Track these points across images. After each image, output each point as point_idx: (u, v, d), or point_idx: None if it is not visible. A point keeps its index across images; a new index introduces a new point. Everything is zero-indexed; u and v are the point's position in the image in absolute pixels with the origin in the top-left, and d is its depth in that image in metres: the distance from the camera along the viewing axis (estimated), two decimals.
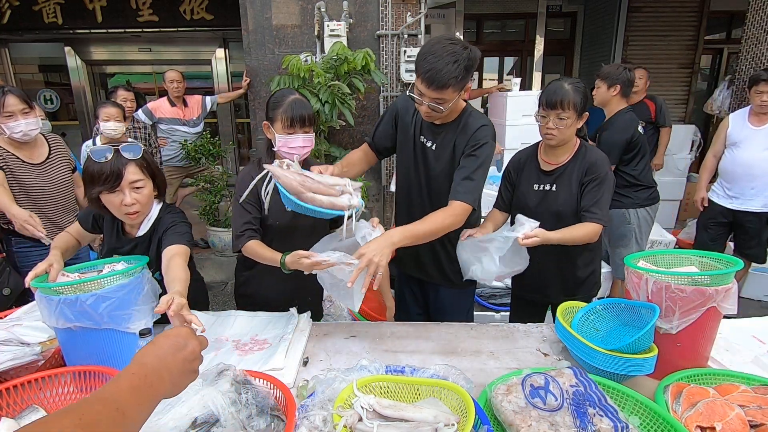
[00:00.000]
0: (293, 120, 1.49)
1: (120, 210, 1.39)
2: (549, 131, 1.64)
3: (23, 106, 2.05)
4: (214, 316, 1.62)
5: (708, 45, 6.67)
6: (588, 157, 1.70)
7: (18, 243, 2.27)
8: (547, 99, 1.61)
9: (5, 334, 1.21)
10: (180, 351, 0.65)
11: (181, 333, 0.68)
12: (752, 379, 1.13)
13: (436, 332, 1.52)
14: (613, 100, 2.73)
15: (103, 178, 1.33)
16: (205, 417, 0.90)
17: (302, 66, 3.16)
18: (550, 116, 1.62)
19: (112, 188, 1.35)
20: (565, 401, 0.99)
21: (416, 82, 1.45)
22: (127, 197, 1.37)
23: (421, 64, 1.40)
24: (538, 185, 1.76)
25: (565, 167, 1.71)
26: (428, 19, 5.72)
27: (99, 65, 7.45)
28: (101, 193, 1.36)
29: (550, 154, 1.75)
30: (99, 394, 0.56)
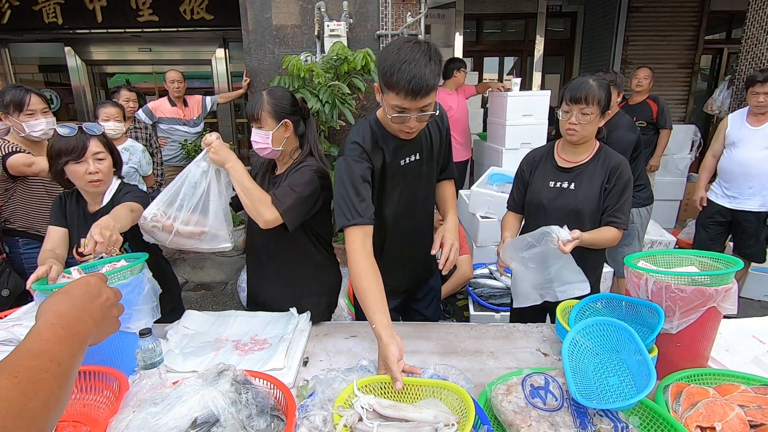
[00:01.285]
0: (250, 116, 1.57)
1: (84, 179, 1.56)
2: (571, 126, 1.61)
3: (44, 106, 2.13)
4: (214, 316, 1.62)
5: (708, 45, 6.68)
6: (611, 159, 1.67)
7: (25, 244, 2.29)
8: (572, 94, 1.59)
9: (5, 334, 1.21)
10: (95, 299, 0.63)
11: (91, 281, 0.65)
12: (752, 379, 1.13)
13: (436, 332, 1.52)
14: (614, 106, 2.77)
15: (69, 149, 1.52)
16: (205, 417, 0.90)
17: (302, 66, 3.16)
18: (573, 111, 1.59)
19: (77, 159, 1.53)
20: (565, 401, 0.99)
21: (394, 99, 1.23)
22: (90, 166, 1.55)
23: (397, 76, 1.18)
24: (554, 182, 1.73)
25: (585, 166, 1.69)
26: (428, 19, 5.73)
27: (99, 65, 7.45)
28: (67, 164, 1.53)
29: (569, 151, 1.72)
30: (24, 350, 0.54)
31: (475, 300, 2.73)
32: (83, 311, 0.59)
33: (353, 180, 1.32)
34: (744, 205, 2.92)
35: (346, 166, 1.35)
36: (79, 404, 1.10)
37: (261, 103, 1.52)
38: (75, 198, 1.69)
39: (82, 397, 1.10)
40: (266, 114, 1.52)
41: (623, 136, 2.68)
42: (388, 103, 1.26)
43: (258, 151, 1.58)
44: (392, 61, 1.19)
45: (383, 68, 1.22)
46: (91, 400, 1.10)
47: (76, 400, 1.10)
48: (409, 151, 1.48)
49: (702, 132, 5.42)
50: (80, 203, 1.68)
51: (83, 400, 1.10)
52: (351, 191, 1.32)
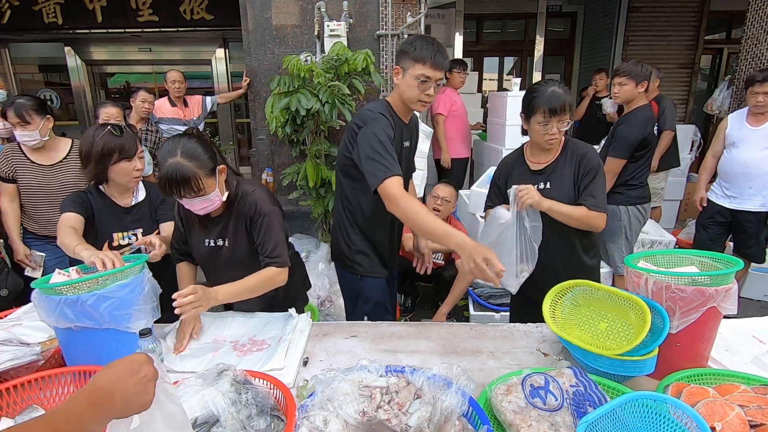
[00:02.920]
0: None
1: (131, 175, 1.67)
2: (552, 137, 1.65)
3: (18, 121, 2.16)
4: (212, 317, 1.62)
5: (708, 45, 6.68)
6: (577, 150, 1.72)
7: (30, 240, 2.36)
8: (550, 107, 1.60)
9: (5, 334, 1.21)
10: (133, 375, 0.71)
11: (138, 359, 0.74)
12: (752, 379, 1.13)
13: (436, 332, 1.52)
14: (638, 97, 2.71)
15: (126, 148, 1.62)
16: (205, 417, 0.90)
17: (302, 66, 3.16)
18: (552, 122, 1.62)
19: (131, 157, 1.64)
20: (565, 401, 0.99)
21: (420, 69, 1.56)
22: (138, 164, 1.67)
23: (425, 51, 1.55)
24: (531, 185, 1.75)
25: (555, 163, 1.73)
26: (428, 19, 5.73)
27: (99, 65, 7.45)
28: (117, 162, 1.61)
29: (538, 154, 1.77)
30: (63, 410, 0.65)
31: (475, 300, 2.74)
32: (116, 387, 0.69)
33: (383, 141, 1.54)
34: (744, 205, 2.92)
35: (374, 130, 1.57)
36: None
37: (191, 172, 1.31)
38: (97, 194, 1.72)
39: None
40: (205, 178, 1.35)
41: (627, 131, 2.64)
42: (414, 75, 1.57)
43: (204, 210, 1.43)
44: (419, 42, 1.57)
45: (412, 48, 1.57)
46: None
47: None
48: (407, 136, 1.77)
49: (702, 132, 5.42)
50: (105, 199, 1.72)
51: None
52: (382, 150, 1.53)
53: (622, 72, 2.72)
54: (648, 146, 2.68)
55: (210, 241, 1.56)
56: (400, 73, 1.63)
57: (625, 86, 2.70)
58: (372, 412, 0.99)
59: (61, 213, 1.62)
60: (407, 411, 1.00)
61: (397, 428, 0.96)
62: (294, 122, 3.29)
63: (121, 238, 1.73)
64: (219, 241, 1.56)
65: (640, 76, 2.66)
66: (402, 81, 1.63)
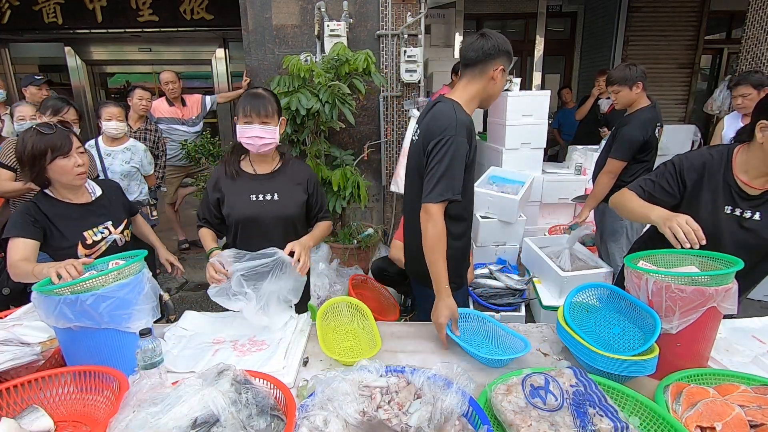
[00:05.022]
0: (249, 110, 1.60)
1: (72, 173, 1.58)
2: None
3: (75, 118, 2.40)
4: (212, 317, 1.62)
5: (708, 45, 6.68)
6: None
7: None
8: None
9: (5, 334, 1.21)
10: None
11: None
12: (752, 379, 1.13)
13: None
14: (638, 98, 2.72)
15: (58, 145, 1.54)
16: (205, 417, 0.90)
17: (302, 66, 3.16)
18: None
19: (66, 153, 1.56)
20: (565, 401, 0.99)
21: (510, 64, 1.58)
22: (78, 159, 1.59)
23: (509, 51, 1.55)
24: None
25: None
26: (428, 19, 5.73)
27: (99, 65, 7.46)
28: (53, 161, 1.54)
29: (761, 176, 1.35)
30: None
31: (475, 300, 2.73)
32: None
33: (461, 159, 1.49)
34: None
35: (460, 146, 1.49)
36: (79, 404, 1.10)
37: (270, 101, 1.63)
38: (47, 201, 1.62)
39: (82, 397, 1.10)
40: (274, 111, 1.63)
41: (629, 132, 2.63)
42: (504, 72, 1.55)
43: (258, 147, 1.63)
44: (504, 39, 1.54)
45: (510, 47, 1.54)
46: (91, 400, 1.10)
47: (76, 400, 1.11)
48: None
49: (702, 132, 5.42)
50: (54, 202, 1.63)
51: (83, 400, 1.10)
52: (458, 169, 1.49)
53: (613, 80, 2.74)
54: (650, 148, 2.68)
55: (259, 195, 1.69)
56: (501, 73, 1.55)
57: (619, 93, 2.73)
58: (372, 412, 0.99)
59: (7, 236, 1.53)
60: (407, 411, 1.00)
61: (397, 428, 0.95)
62: (294, 122, 3.29)
63: (93, 235, 1.67)
64: (268, 196, 1.70)
65: (631, 78, 2.66)
66: (500, 81, 1.57)
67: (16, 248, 1.51)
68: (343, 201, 3.53)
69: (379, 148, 4.21)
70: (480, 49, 1.51)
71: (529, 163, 3.68)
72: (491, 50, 1.51)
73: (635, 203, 1.48)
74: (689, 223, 1.24)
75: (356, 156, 3.92)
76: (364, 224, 4.07)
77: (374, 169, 4.27)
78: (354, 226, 3.94)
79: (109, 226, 1.74)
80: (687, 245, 1.21)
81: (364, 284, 3.09)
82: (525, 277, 2.93)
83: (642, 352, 1.14)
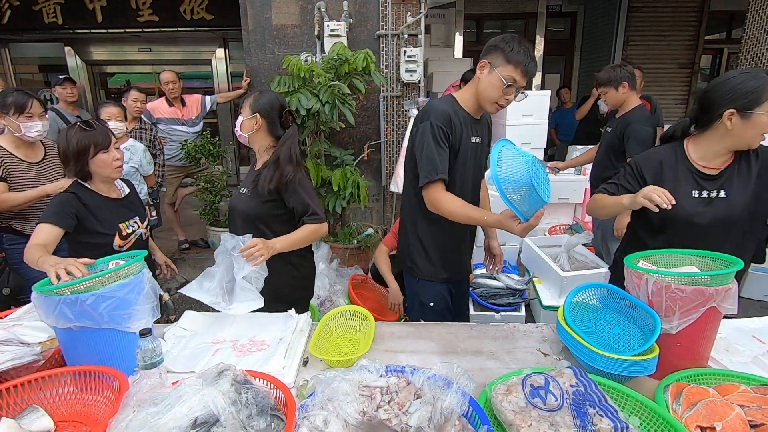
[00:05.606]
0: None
1: (111, 166, 1.72)
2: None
3: (42, 110, 2.31)
4: (212, 317, 1.62)
5: (708, 45, 6.68)
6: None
7: (11, 240, 2.31)
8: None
9: (5, 334, 1.20)
10: None
11: None
12: (752, 379, 1.13)
13: (436, 332, 1.52)
14: (627, 98, 2.74)
15: (99, 141, 1.68)
16: (205, 417, 0.90)
17: (302, 66, 3.16)
18: None
19: (106, 148, 1.69)
20: (565, 401, 0.99)
21: (511, 72, 1.50)
22: (116, 154, 1.73)
23: (522, 55, 1.49)
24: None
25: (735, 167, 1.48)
26: (428, 19, 5.73)
27: (99, 65, 7.45)
28: (95, 156, 1.67)
29: (716, 156, 1.48)
30: None
31: (475, 300, 2.73)
32: None
33: (437, 140, 1.54)
34: None
35: (431, 128, 1.56)
36: (79, 404, 1.10)
37: (250, 95, 1.77)
38: (84, 191, 1.73)
39: (82, 397, 1.10)
40: (247, 103, 1.75)
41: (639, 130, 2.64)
42: (502, 75, 1.50)
43: (237, 131, 1.80)
44: (517, 45, 1.50)
45: (509, 47, 1.49)
46: (91, 400, 1.10)
47: (76, 400, 1.10)
48: (476, 132, 1.69)
49: None
50: (93, 194, 1.75)
51: (83, 400, 1.10)
52: (439, 150, 1.55)
53: (599, 82, 2.78)
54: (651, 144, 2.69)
55: (242, 189, 1.82)
56: (486, 68, 1.54)
57: (607, 93, 2.77)
58: (372, 412, 0.99)
59: (40, 221, 1.57)
60: (407, 411, 1.00)
61: (397, 428, 0.95)
62: None
63: (126, 228, 1.80)
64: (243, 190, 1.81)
65: (616, 79, 2.69)
66: (486, 77, 1.55)
67: (41, 233, 1.56)
68: (343, 201, 3.53)
69: (379, 148, 4.21)
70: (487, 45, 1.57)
71: None
72: (488, 46, 1.55)
73: (607, 200, 1.59)
74: (655, 189, 1.37)
75: (356, 156, 3.92)
76: (364, 224, 4.07)
77: (374, 169, 4.28)
78: (354, 226, 3.94)
79: (137, 220, 1.86)
80: (664, 205, 1.34)
81: (364, 284, 3.09)
82: (525, 277, 2.93)
83: (642, 352, 1.14)
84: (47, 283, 1.20)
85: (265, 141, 1.78)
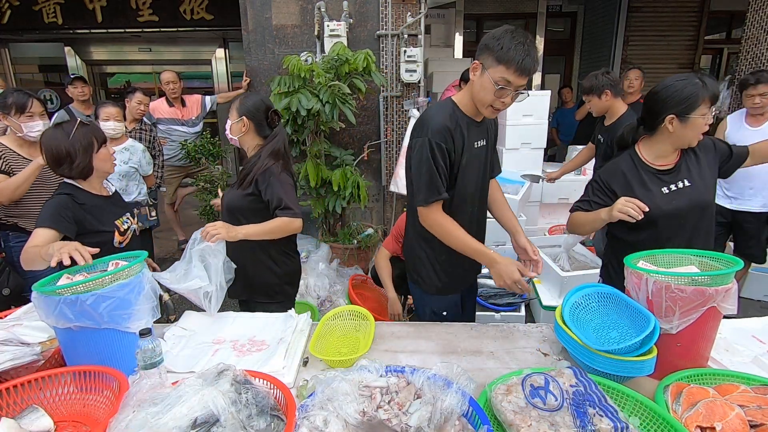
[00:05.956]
0: None
1: (110, 160, 1.76)
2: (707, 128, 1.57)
3: (42, 110, 2.33)
4: (212, 317, 1.62)
5: (708, 45, 6.68)
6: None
7: (15, 238, 2.32)
8: (712, 95, 1.51)
9: (5, 334, 1.20)
10: None
11: None
12: (752, 379, 1.13)
13: (436, 332, 1.52)
14: (610, 105, 2.76)
15: (99, 134, 1.71)
16: (205, 417, 0.90)
17: (302, 66, 3.16)
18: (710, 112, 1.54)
19: (104, 143, 1.73)
20: (565, 401, 0.99)
21: (503, 73, 1.36)
22: (111, 147, 1.77)
23: (514, 52, 1.32)
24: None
25: (685, 158, 1.63)
26: (428, 19, 5.73)
27: (99, 65, 7.46)
28: (98, 151, 1.69)
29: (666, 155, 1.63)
30: None
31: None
32: None
33: (438, 162, 1.47)
34: (745, 205, 2.91)
35: (436, 147, 1.47)
36: (79, 404, 1.10)
37: (236, 100, 1.83)
38: (79, 192, 1.70)
39: (82, 397, 1.10)
40: (234, 108, 1.81)
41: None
42: (493, 78, 1.37)
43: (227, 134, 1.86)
44: (508, 41, 1.33)
45: (498, 45, 1.34)
46: (91, 400, 1.10)
47: (76, 400, 1.11)
48: (479, 136, 1.60)
49: None
50: (87, 194, 1.73)
51: (83, 400, 1.10)
52: (437, 170, 1.48)
53: (583, 90, 2.82)
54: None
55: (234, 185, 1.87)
56: (478, 70, 1.42)
57: (591, 102, 2.80)
58: (372, 412, 0.99)
59: (37, 226, 1.53)
60: (407, 411, 1.00)
61: (397, 428, 0.96)
62: (294, 122, 3.29)
63: (122, 224, 1.81)
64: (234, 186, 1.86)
65: (598, 87, 2.71)
66: (478, 79, 1.42)
67: (37, 237, 1.52)
68: (343, 201, 3.53)
69: (379, 148, 4.21)
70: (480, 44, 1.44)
71: (529, 163, 3.68)
72: (480, 46, 1.42)
73: (585, 217, 1.69)
74: (627, 202, 1.48)
75: (356, 156, 3.92)
76: (364, 224, 4.07)
77: (374, 169, 4.28)
78: (354, 226, 3.94)
79: (129, 216, 1.87)
80: (639, 217, 1.45)
81: (364, 284, 3.09)
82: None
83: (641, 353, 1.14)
84: (47, 282, 1.20)
85: (254, 141, 1.84)
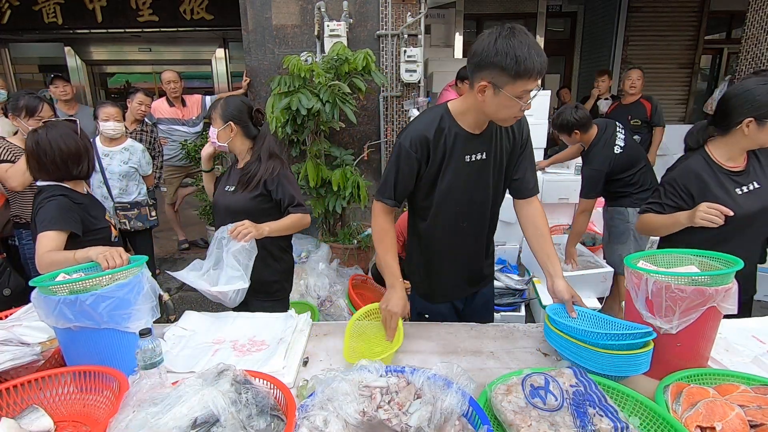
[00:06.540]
0: None
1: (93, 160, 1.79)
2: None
3: (51, 114, 2.42)
4: (212, 317, 1.62)
5: (708, 45, 6.68)
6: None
7: (29, 235, 2.35)
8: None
9: (5, 334, 1.20)
10: None
11: None
12: (752, 379, 1.13)
13: (436, 332, 1.52)
14: (582, 139, 2.81)
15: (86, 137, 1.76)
16: (205, 417, 0.90)
17: (302, 66, 3.16)
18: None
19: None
20: (565, 401, 0.99)
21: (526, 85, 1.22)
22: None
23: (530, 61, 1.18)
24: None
25: (753, 160, 1.68)
26: (428, 19, 5.73)
27: (99, 65, 7.46)
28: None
29: (736, 157, 1.66)
30: None
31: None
32: None
33: (401, 168, 1.45)
34: None
35: (404, 153, 1.43)
36: (79, 404, 1.10)
37: (215, 106, 1.85)
38: (72, 192, 1.72)
39: (82, 397, 1.10)
40: (216, 115, 1.84)
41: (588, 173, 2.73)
42: (514, 94, 1.22)
43: (211, 138, 1.88)
44: (521, 50, 1.17)
45: (510, 61, 1.17)
46: (91, 400, 1.10)
47: (76, 400, 1.11)
48: (477, 149, 1.44)
49: None
50: (77, 194, 1.74)
51: (83, 400, 1.10)
52: (396, 176, 1.47)
53: (552, 125, 2.93)
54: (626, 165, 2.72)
55: (228, 187, 1.90)
56: (489, 90, 1.24)
57: (561, 137, 2.89)
58: (372, 412, 0.99)
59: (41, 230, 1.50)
60: (407, 411, 1.00)
61: (397, 428, 0.95)
62: (294, 122, 3.29)
63: (110, 219, 1.85)
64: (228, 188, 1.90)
65: (567, 127, 2.76)
66: (493, 99, 1.25)
67: (49, 240, 1.50)
68: (343, 201, 3.53)
69: (379, 148, 4.21)
70: (471, 54, 1.26)
71: None
72: (476, 60, 1.24)
73: (663, 221, 1.70)
74: (710, 208, 1.52)
75: (356, 156, 3.92)
76: (364, 224, 4.07)
77: (374, 169, 4.28)
78: (354, 226, 3.94)
79: (108, 211, 1.89)
80: (721, 223, 1.51)
81: (364, 284, 3.09)
82: (525, 277, 2.93)
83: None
84: (47, 278, 1.20)
85: (244, 145, 1.88)
